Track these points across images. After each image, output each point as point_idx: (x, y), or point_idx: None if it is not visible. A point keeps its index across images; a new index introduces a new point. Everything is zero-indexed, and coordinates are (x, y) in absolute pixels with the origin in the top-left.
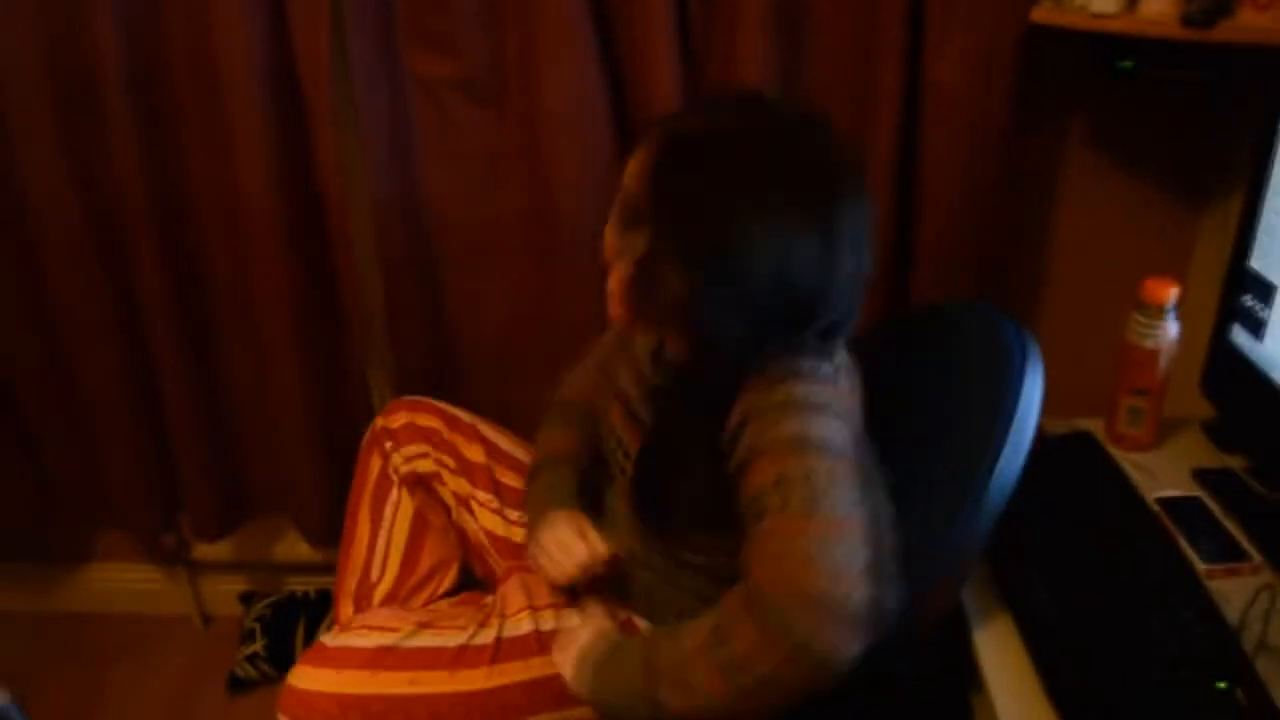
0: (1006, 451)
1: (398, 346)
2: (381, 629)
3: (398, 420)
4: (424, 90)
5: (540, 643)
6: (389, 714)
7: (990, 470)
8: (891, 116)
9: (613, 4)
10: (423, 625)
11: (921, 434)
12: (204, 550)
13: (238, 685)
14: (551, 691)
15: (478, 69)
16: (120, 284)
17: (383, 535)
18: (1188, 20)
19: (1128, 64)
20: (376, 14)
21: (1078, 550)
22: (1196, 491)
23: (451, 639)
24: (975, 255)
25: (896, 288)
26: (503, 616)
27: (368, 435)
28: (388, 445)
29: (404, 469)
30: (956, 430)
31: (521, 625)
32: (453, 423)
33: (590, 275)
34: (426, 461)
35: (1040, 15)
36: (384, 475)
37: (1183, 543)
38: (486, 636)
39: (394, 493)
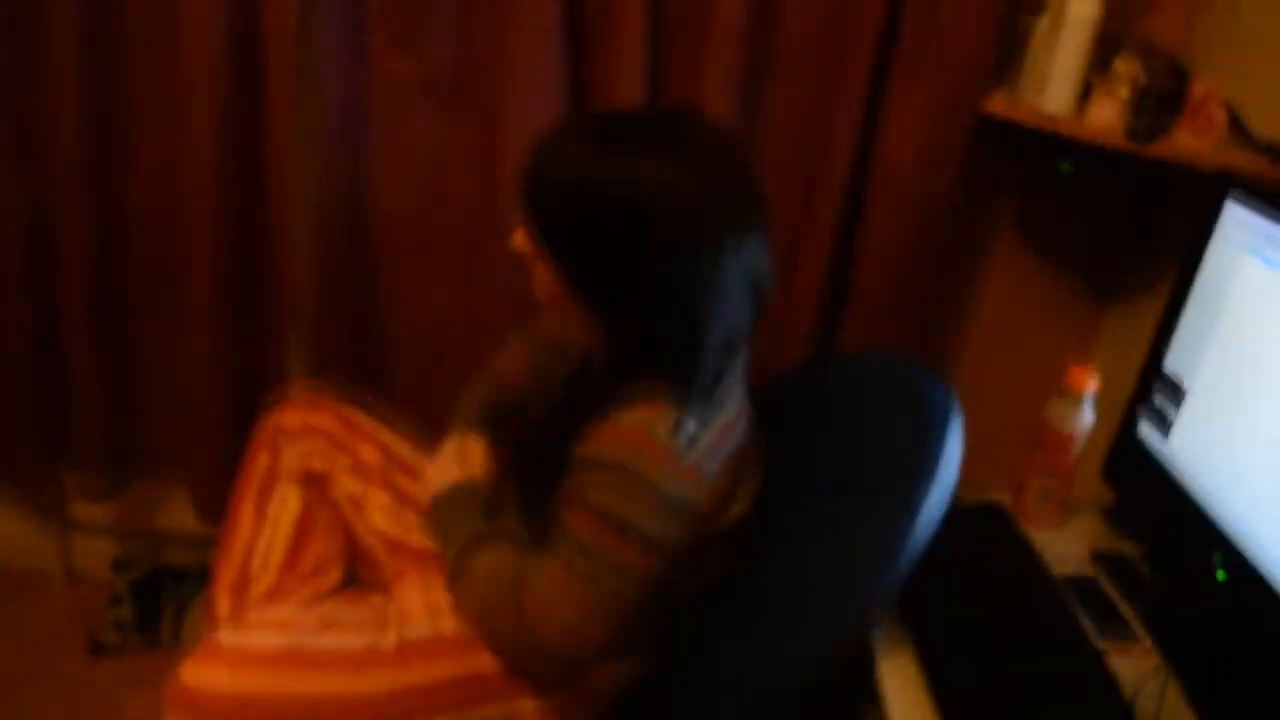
0: (928, 505)
1: (322, 334)
2: (282, 626)
3: (291, 419)
4: (386, 86)
5: (441, 645)
6: (290, 715)
7: (911, 522)
8: (840, 181)
9: (587, 13)
10: (325, 625)
11: (839, 479)
12: (84, 509)
13: (99, 650)
14: (454, 694)
15: (442, 70)
16: (42, 232)
17: (266, 530)
18: (1131, 134)
19: (1068, 167)
20: (348, 2)
21: (981, 617)
22: (1095, 572)
23: (355, 640)
24: (908, 320)
25: (820, 345)
26: (401, 618)
27: (258, 431)
28: (279, 442)
29: (296, 465)
30: (878, 479)
31: (422, 627)
32: (349, 425)
33: (526, 288)
34: (319, 459)
35: (994, 106)
36: (271, 471)
37: (1084, 619)
38: (388, 638)
39: (281, 488)
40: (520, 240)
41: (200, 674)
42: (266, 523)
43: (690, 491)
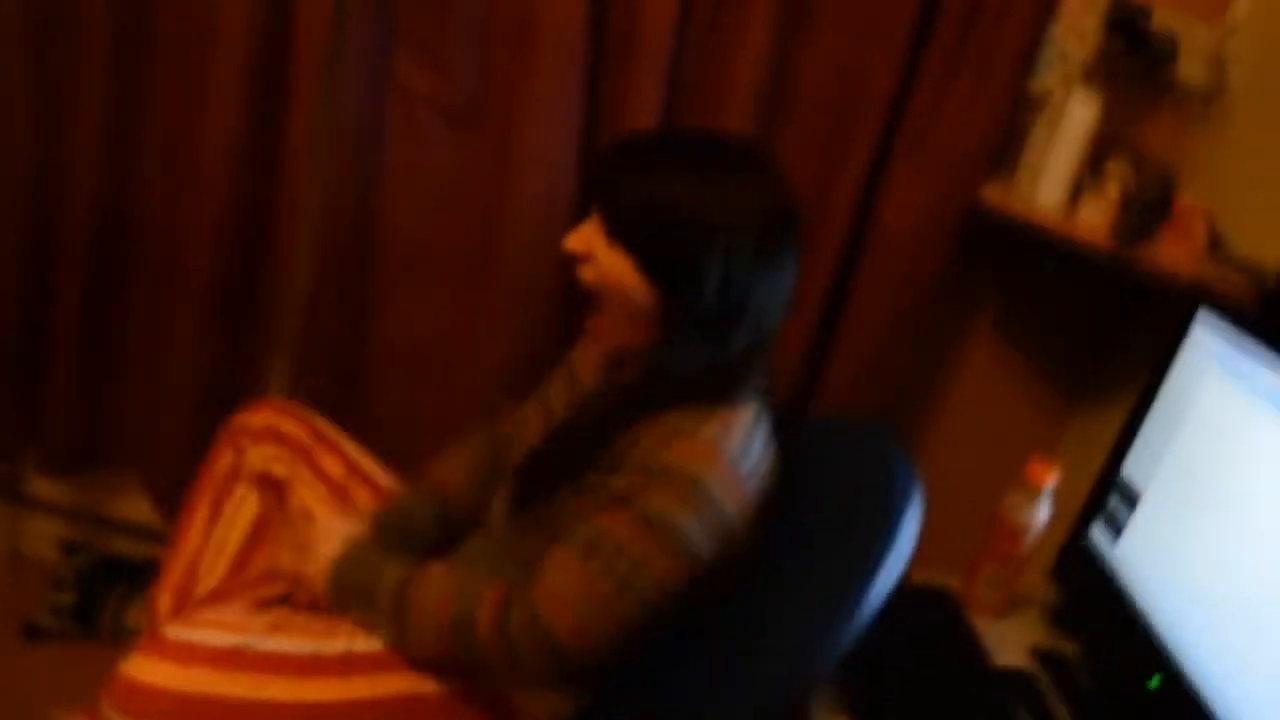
0: (883, 573)
1: (308, 339)
2: (231, 626)
3: (259, 421)
4: (405, 103)
5: (387, 662)
6: (230, 717)
7: (866, 587)
8: (836, 246)
9: (611, 40)
10: (274, 628)
11: (803, 539)
12: (40, 487)
13: (33, 633)
14: (397, 709)
15: (463, 92)
16: (45, 212)
17: (219, 532)
18: (1117, 235)
19: (1051, 265)
20: (376, 16)
21: (924, 703)
22: (1033, 668)
23: (304, 645)
24: (885, 388)
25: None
26: (353, 631)
27: (224, 429)
28: (244, 442)
29: (259, 468)
30: (839, 542)
31: (370, 642)
32: (316, 434)
33: (520, 311)
34: (281, 465)
35: (989, 196)
36: (232, 471)
37: (1020, 714)
38: (335, 647)
39: (239, 489)
40: (580, 240)
41: (144, 668)
42: (220, 523)
43: (739, 513)
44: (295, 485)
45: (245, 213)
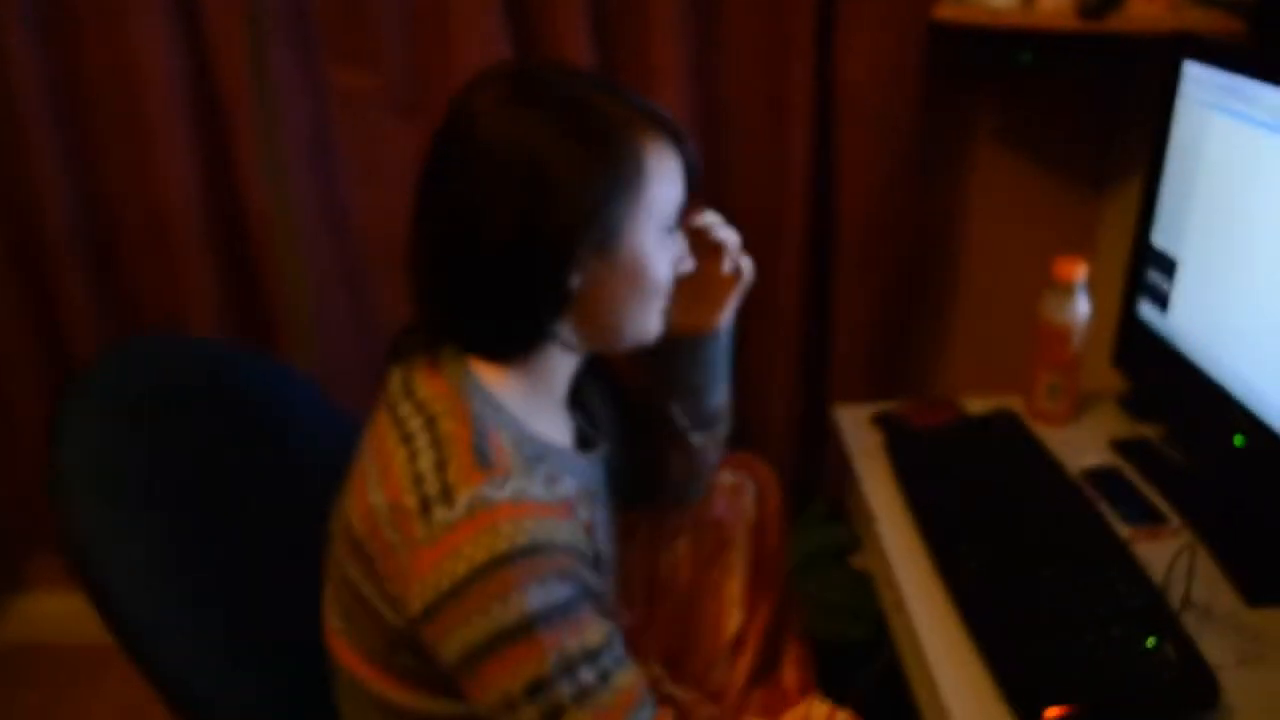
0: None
1: (327, 359)
2: None
3: None
4: (345, 103)
5: None
6: None
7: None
8: (806, 117)
9: (531, 6)
10: None
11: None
12: None
13: None
14: None
15: (398, 80)
16: (43, 302)
17: None
18: (1084, 11)
19: (1027, 56)
20: (295, 25)
21: (1006, 523)
22: (1116, 461)
23: None
24: (891, 252)
25: (815, 285)
26: None
27: None
28: None
29: None
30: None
31: None
32: None
33: None
34: None
35: (943, 12)
36: None
37: (1105, 510)
38: None
39: None
40: None
41: None
42: None
43: None
44: None
45: (226, 257)
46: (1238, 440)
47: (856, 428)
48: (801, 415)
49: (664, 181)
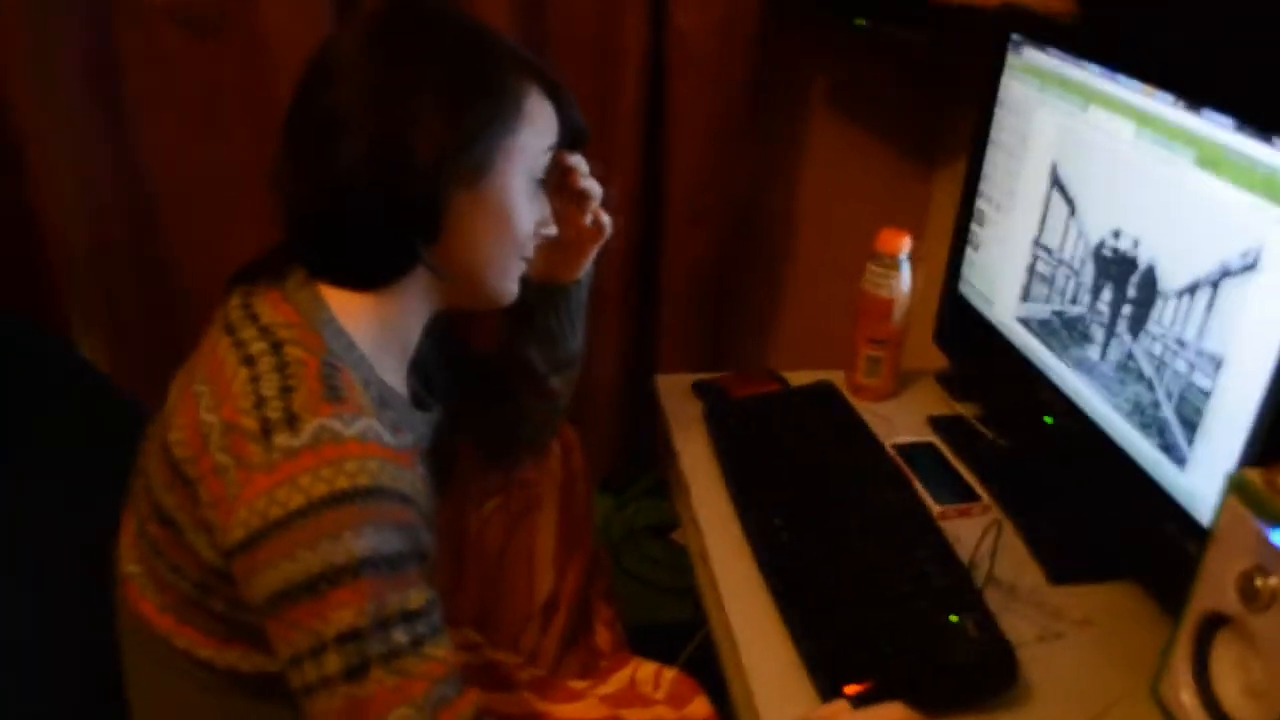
0: None
1: (110, 303)
2: None
3: None
4: (131, 19)
5: None
6: None
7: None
8: (638, 68)
9: None
10: None
11: None
12: None
13: None
14: None
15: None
16: None
17: None
18: None
19: (861, 21)
20: None
21: (818, 494)
22: (931, 438)
23: None
24: (720, 203)
25: (642, 245)
26: None
27: None
28: None
29: None
30: None
31: None
32: None
33: None
34: None
35: None
36: None
37: (918, 486)
38: None
39: None
40: None
41: None
42: None
43: None
44: None
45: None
46: (1048, 420)
47: (678, 398)
48: (627, 387)
49: (539, 130)
